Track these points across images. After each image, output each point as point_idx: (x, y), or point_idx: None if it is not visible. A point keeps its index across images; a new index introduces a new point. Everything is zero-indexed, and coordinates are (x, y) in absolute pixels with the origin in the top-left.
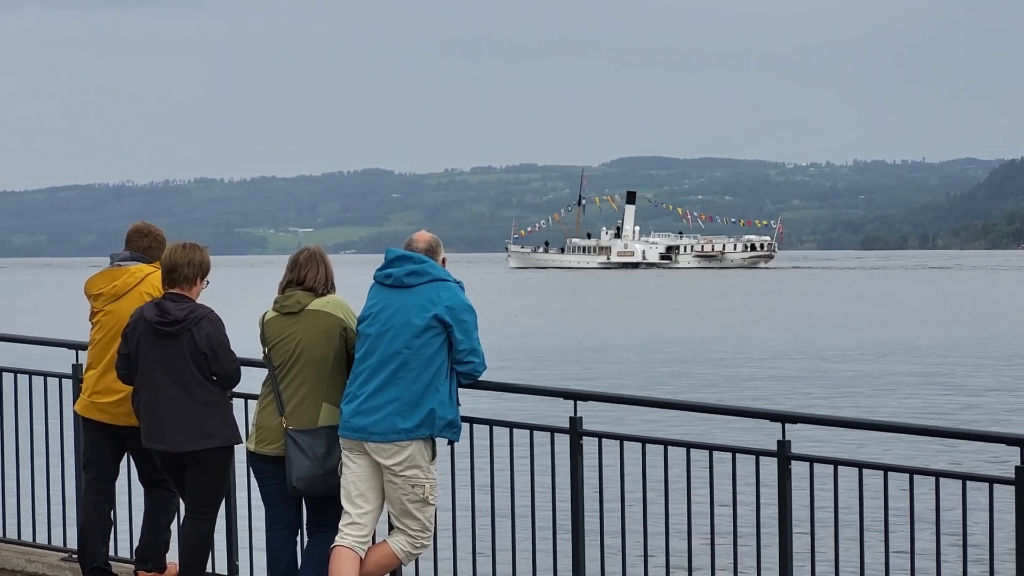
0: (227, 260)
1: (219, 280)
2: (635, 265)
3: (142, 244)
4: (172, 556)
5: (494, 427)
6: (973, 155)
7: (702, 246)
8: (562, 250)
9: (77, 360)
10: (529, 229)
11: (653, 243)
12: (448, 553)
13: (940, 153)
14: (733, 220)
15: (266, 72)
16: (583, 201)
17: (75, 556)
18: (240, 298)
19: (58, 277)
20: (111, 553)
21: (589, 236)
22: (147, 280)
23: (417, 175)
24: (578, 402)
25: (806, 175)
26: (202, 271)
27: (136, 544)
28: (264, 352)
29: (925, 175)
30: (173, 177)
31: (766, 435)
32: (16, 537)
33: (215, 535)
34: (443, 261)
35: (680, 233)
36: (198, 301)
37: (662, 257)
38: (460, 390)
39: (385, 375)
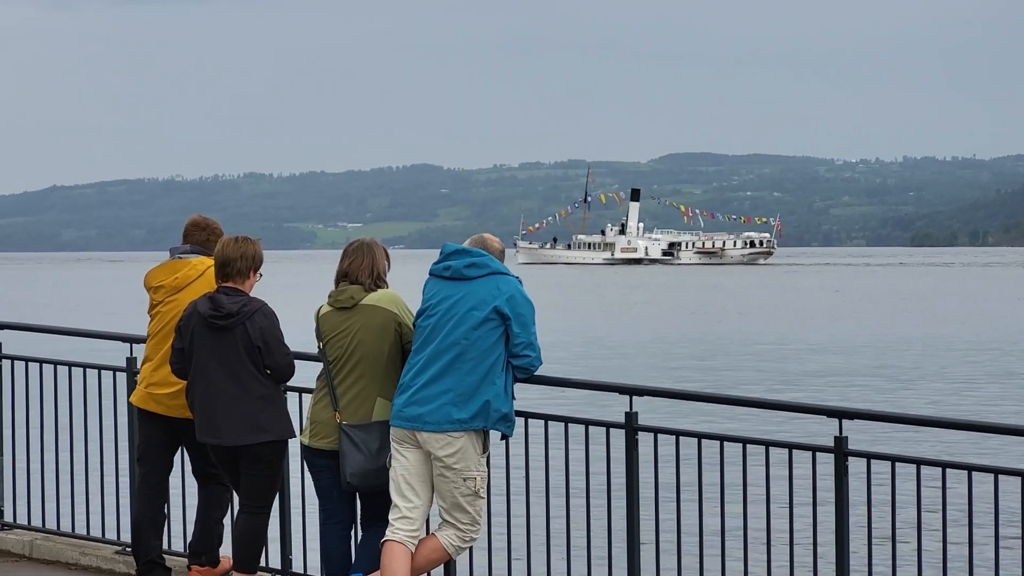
0: (276, 255)
1: (270, 274)
2: (638, 261)
3: (200, 237)
4: (225, 550)
5: (549, 422)
6: None
7: (703, 243)
8: (568, 246)
9: (131, 354)
10: (537, 225)
11: (656, 239)
12: (502, 544)
13: (991, 149)
14: (734, 217)
15: (314, 67)
16: (589, 198)
17: (129, 549)
18: (292, 292)
19: (109, 271)
20: (164, 547)
21: (603, 233)
22: (208, 273)
23: (466, 170)
24: (634, 397)
25: (855, 172)
26: (255, 264)
27: (189, 538)
28: (319, 347)
29: (975, 172)
30: (222, 172)
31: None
32: (70, 530)
33: (268, 529)
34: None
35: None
36: (251, 295)
37: (664, 253)
38: (521, 386)
39: (441, 365)
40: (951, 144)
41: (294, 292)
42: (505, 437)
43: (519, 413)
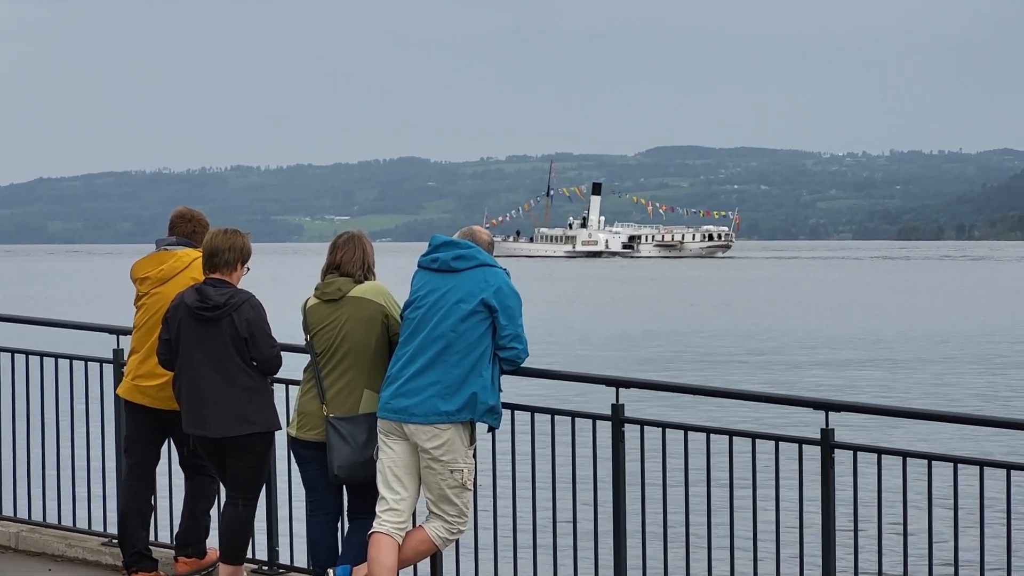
0: (263, 247)
1: (256, 266)
2: (598, 254)
3: (186, 229)
4: (212, 542)
5: (536, 414)
6: (1010, 145)
7: (662, 236)
8: (531, 239)
9: (118, 345)
10: (501, 219)
11: (616, 233)
12: (488, 537)
13: (977, 143)
14: (694, 211)
15: (302, 60)
16: (552, 192)
17: (115, 541)
18: (279, 284)
19: (96, 263)
20: (151, 538)
21: (571, 226)
22: (194, 265)
23: (453, 163)
24: (620, 389)
25: (842, 165)
26: (243, 256)
27: (176, 529)
28: (306, 339)
29: (962, 165)
30: (209, 164)
31: (809, 423)
32: (57, 522)
33: (255, 521)
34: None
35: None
36: (239, 287)
37: (624, 246)
38: (506, 378)
39: (428, 357)
40: (938, 138)
41: (281, 284)
42: (492, 429)
43: (506, 405)
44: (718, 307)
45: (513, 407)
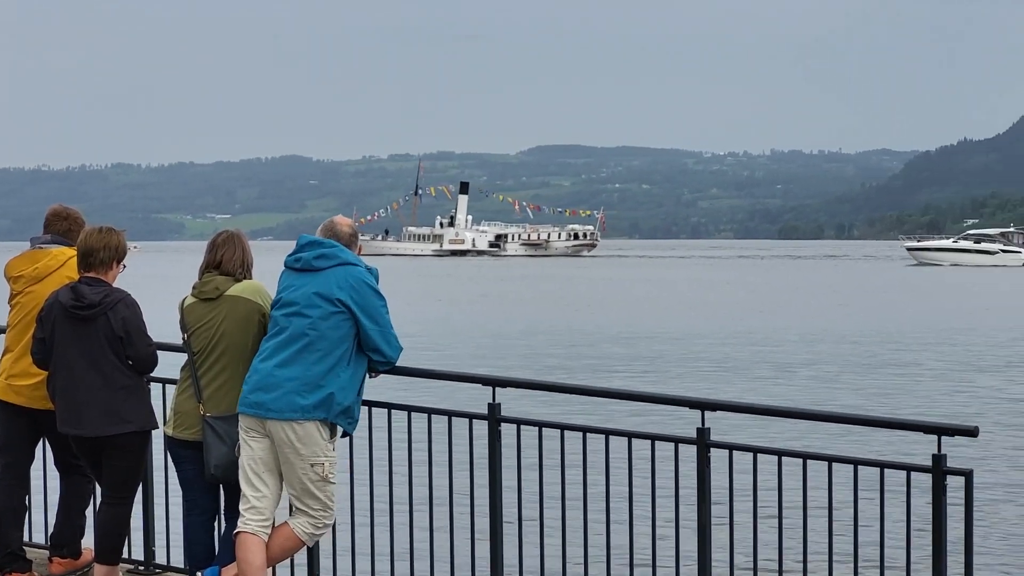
0: (144, 246)
1: (135, 265)
2: (465, 253)
3: (61, 227)
4: (88, 542)
5: (412, 413)
6: (888, 146)
7: (528, 235)
8: (399, 238)
9: None
10: (369, 217)
11: (483, 231)
12: (365, 535)
13: (856, 143)
14: (560, 210)
15: (183, 57)
16: (419, 191)
17: None
18: (157, 283)
19: None
20: (25, 539)
21: (441, 225)
22: (69, 263)
23: (335, 162)
24: (496, 388)
25: (723, 164)
26: (118, 255)
27: (51, 530)
28: (183, 338)
29: (841, 165)
30: (90, 162)
31: (686, 422)
32: None
33: (131, 521)
34: (359, 249)
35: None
36: (114, 285)
37: (491, 245)
38: (382, 376)
39: (288, 354)
40: (818, 138)
41: (159, 283)
42: (347, 435)
43: (381, 404)
44: (591, 306)
45: (390, 406)
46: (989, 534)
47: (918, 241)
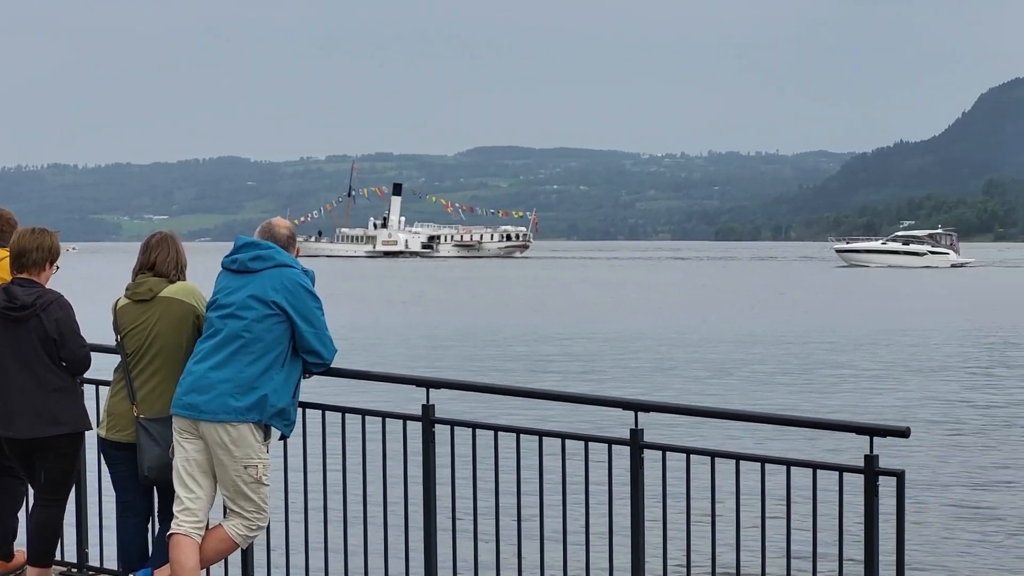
0: (81, 247)
1: (71, 266)
2: (398, 254)
3: None
4: (20, 544)
5: (346, 414)
6: (826, 148)
7: (461, 236)
8: (333, 239)
9: None
10: (303, 218)
11: (416, 233)
12: (300, 538)
13: (793, 145)
14: (492, 211)
15: (121, 57)
16: (353, 192)
17: None
18: (92, 284)
19: None
20: None
21: (376, 226)
22: (1, 265)
23: (273, 163)
24: (431, 390)
25: (661, 166)
26: (51, 256)
27: None
28: (117, 339)
29: (778, 167)
30: (26, 163)
31: (622, 424)
32: None
33: (64, 523)
34: (297, 251)
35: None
36: (47, 286)
37: (424, 246)
38: (317, 377)
39: (223, 356)
40: (755, 139)
41: (94, 284)
42: (283, 437)
43: (316, 405)
44: (525, 307)
45: (324, 407)
46: (921, 534)
47: (847, 243)
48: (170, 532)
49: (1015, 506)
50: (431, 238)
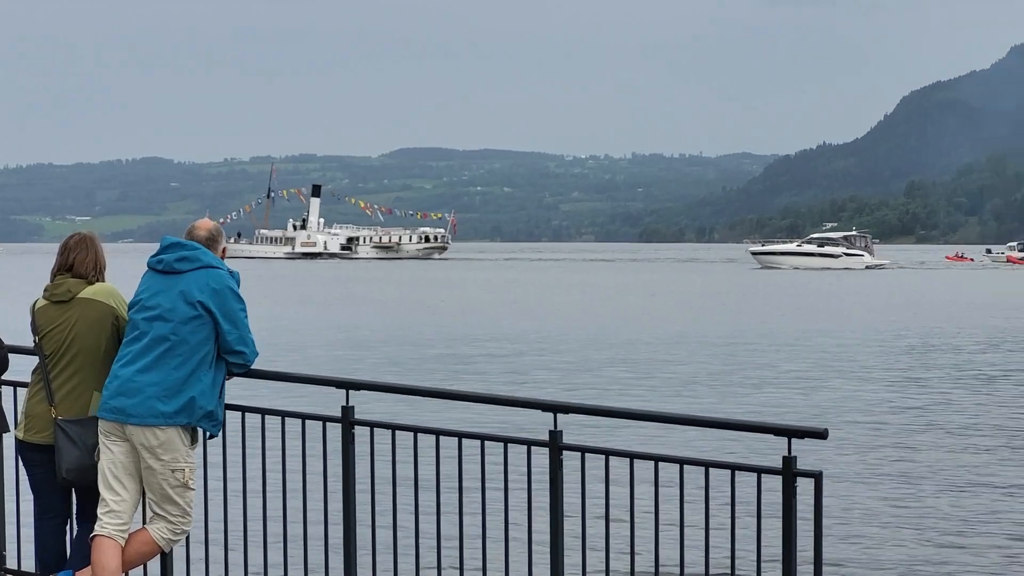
0: (1, 248)
1: None
2: (317, 255)
3: None
4: None
5: (266, 416)
6: (749, 150)
7: (380, 237)
8: (252, 241)
9: None
10: (222, 220)
11: (335, 234)
12: (218, 532)
13: (717, 147)
14: (411, 213)
15: (42, 56)
16: (272, 194)
17: None
18: (10, 284)
19: None
20: None
21: (295, 227)
22: None
23: (196, 164)
24: (351, 391)
25: (585, 167)
26: None
27: None
28: (35, 340)
29: (702, 169)
30: None
31: (542, 425)
32: None
33: None
34: (223, 251)
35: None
36: None
37: (343, 248)
38: (237, 380)
39: (149, 359)
40: (679, 141)
41: (14, 284)
42: (211, 437)
43: (238, 407)
44: (445, 308)
45: (244, 409)
46: (838, 535)
47: (762, 245)
48: (93, 534)
49: (933, 505)
50: (350, 239)
